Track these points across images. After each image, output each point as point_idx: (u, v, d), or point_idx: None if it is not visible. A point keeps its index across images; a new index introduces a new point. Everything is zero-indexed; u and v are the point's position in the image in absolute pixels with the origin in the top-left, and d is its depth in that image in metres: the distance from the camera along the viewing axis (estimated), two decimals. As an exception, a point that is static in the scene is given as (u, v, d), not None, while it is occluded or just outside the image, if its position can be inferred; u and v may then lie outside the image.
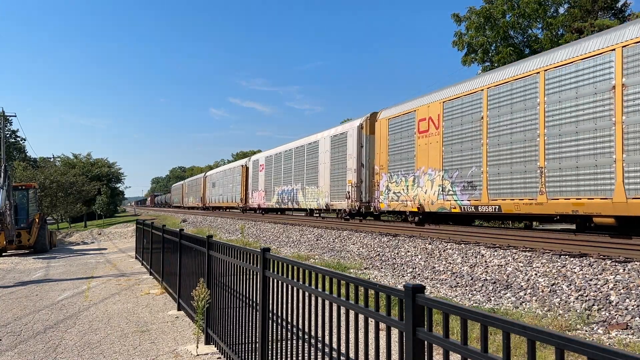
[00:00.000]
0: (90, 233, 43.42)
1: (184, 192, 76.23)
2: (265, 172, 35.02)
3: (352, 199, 21.51)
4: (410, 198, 17.60)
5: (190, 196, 68.98)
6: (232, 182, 44.36)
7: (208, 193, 55.78)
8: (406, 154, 18.11)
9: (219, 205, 50.58)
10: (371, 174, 20.84)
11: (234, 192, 43.68)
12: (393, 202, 18.74)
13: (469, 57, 35.54)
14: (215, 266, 6.58)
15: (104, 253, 23.15)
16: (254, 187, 37.86)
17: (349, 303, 3.17)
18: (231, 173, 45.30)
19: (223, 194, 47.95)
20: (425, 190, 16.81)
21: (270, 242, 20.50)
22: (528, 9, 33.44)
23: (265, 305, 4.69)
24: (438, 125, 16.40)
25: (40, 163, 61.27)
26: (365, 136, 21.33)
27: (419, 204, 17.03)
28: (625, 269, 8.43)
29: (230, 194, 45.00)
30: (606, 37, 11.18)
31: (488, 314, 2.03)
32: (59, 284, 13.08)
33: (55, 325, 8.32)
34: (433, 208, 16.48)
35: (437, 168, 16.30)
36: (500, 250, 11.39)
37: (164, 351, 6.63)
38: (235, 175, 43.65)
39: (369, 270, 12.43)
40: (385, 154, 19.48)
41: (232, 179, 44.39)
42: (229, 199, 45.44)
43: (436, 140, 16.45)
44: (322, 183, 25.03)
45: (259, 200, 36.08)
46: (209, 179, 56.46)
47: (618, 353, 1.50)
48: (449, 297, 9.25)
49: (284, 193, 31.03)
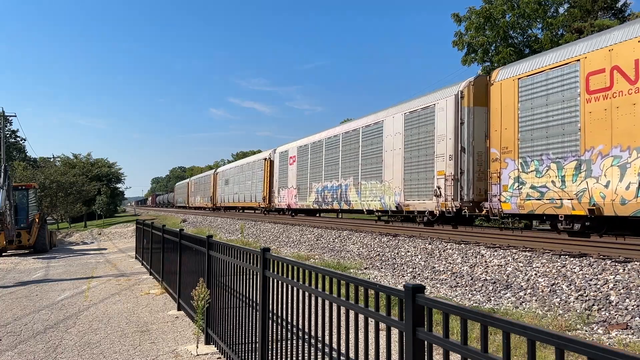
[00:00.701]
0: (90, 233, 43.42)
1: (189, 191, 70.52)
2: (298, 166, 29.17)
3: (445, 196, 15.81)
4: (571, 195, 11.84)
5: (198, 195, 63.16)
6: (251, 178, 38.55)
7: (220, 192, 49.92)
8: (559, 127, 12.28)
9: (234, 205, 44.79)
10: (481, 162, 15.24)
11: (253, 190, 37.86)
12: (531, 200, 12.90)
13: (469, 57, 35.54)
14: (215, 266, 6.58)
15: (104, 253, 23.15)
16: (281, 184, 31.68)
17: (349, 303, 3.17)
18: (250, 168, 39.45)
19: (239, 193, 42.27)
20: (606, 183, 11.05)
21: (270, 242, 20.51)
22: (528, 9, 33.44)
23: (265, 305, 4.69)
24: (637, 78, 10.58)
25: (40, 163, 61.27)
26: (467, 109, 15.45)
27: (593, 203, 11.25)
28: (625, 269, 8.43)
29: (248, 193, 39.28)
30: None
31: (488, 314, 2.03)
32: (59, 284, 13.08)
33: (55, 325, 8.32)
34: (626, 211, 10.62)
35: (635, 146, 10.52)
36: (500, 250, 11.39)
37: (164, 351, 6.63)
38: (255, 170, 37.73)
39: (369, 270, 12.43)
40: (513, 130, 13.58)
41: (251, 174, 38.66)
42: (247, 198, 39.67)
43: (632, 102, 10.63)
44: (388, 176, 19.25)
45: (288, 199, 30.39)
46: (220, 176, 50.17)
47: (618, 353, 1.50)
48: (449, 297, 9.26)
49: (326, 190, 25.01)
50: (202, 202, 59.41)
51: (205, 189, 58.03)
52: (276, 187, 32.93)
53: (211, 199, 53.30)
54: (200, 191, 61.36)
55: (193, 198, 66.87)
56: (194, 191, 66.33)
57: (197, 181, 66.23)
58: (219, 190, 50.25)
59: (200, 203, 60.96)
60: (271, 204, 33.98)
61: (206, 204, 56.77)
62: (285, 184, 31.16)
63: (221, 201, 49.12)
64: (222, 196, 49.08)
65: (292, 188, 30.03)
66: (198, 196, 62.75)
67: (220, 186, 49.79)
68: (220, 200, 49.80)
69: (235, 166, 46.16)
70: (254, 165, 38.52)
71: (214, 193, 52.33)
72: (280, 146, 33.81)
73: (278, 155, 33.09)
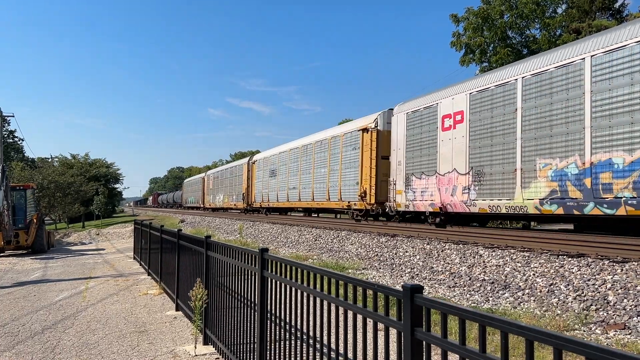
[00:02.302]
0: (88, 233, 43.37)
1: (206, 188, 56.37)
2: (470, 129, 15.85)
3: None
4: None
5: (219, 193, 48.53)
6: (331, 162, 24.34)
7: (260, 187, 35.63)
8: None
9: (289, 206, 30.66)
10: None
11: (339, 180, 23.28)
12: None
13: (467, 58, 35.58)
14: (213, 266, 6.57)
15: (102, 253, 23.13)
16: (414, 169, 17.87)
17: (348, 303, 3.17)
18: (324, 147, 25.39)
19: (305, 188, 27.35)
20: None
21: (268, 243, 20.50)
22: (526, 9, 33.49)
23: (263, 306, 4.69)
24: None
25: (38, 163, 61.19)
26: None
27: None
28: (623, 269, 8.44)
29: (323, 186, 24.98)
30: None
31: (486, 314, 2.04)
32: (57, 285, 13.06)
33: (53, 326, 8.31)
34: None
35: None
36: (498, 251, 11.41)
37: (162, 352, 6.63)
38: (334, 148, 24.08)
39: (368, 271, 12.43)
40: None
41: (331, 156, 24.47)
42: (321, 194, 25.25)
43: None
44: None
45: (448, 196, 15.94)
46: (261, 165, 35.62)
47: (616, 353, 1.51)
48: (447, 297, 9.26)
49: None
50: (227, 201, 45.00)
51: (232, 184, 43.49)
52: (395, 175, 19.08)
53: (244, 197, 39.07)
54: (225, 187, 46.61)
55: (211, 197, 52.75)
56: (214, 188, 51.79)
57: (219, 175, 50.24)
58: (259, 185, 36.07)
59: (224, 203, 46.50)
60: (381, 204, 20.16)
61: (234, 205, 42.49)
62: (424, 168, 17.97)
63: (263, 200, 34.70)
64: (263, 193, 34.81)
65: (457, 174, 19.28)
66: (220, 194, 48.45)
67: (261, 179, 35.45)
68: (261, 198, 35.25)
69: (293, 148, 29.95)
70: (336, 141, 24.26)
71: (249, 189, 38.23)
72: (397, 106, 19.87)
73: (400, 118, 19.01)
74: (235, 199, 42.02)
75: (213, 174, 54.40)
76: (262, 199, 34.80)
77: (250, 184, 38.10)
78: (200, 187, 59.94)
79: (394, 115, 19.23)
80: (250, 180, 38.24)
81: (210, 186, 53.94)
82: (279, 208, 32.76)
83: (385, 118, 20.53)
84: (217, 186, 50.17)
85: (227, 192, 45.35)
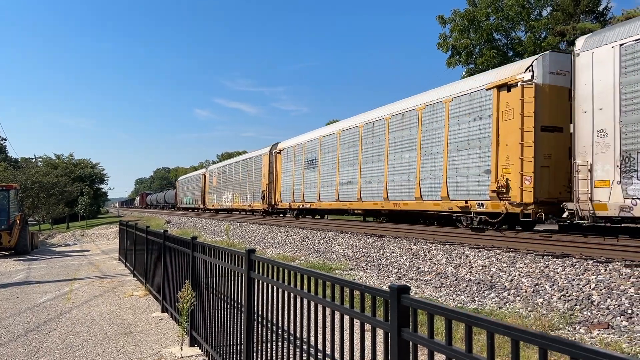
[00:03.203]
0: (72, 234, 42.91)
1: (207, 186, 47.99)
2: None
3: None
4: None
5: (227, 191, 40.27)
6: (428, 142, 16.69)
7: (289, 183, 27.57)
8: None
9: (340, 207, 22.68)
10: None
11: (444, 169, 15.86)
12: None
13: (453, 59, 35.82)
14: (199, 268, 6.53)
15: (87, 254, 22.89)
16: None
17: (335, 304, 3.16)
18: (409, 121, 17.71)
19: (370, 182, 19.88)
20: None
21: (255, 244, 20.44)
22: (511, 11, 33.81)
23: (250, 307, 4.67)
24: None
25: (21, 163, 60.41)
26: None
27: None
28: (606, 269, 8.54)
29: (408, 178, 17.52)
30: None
31: (472, 315, 2.05)
32: (41, 286, 12.90)
33: (37, 328, 8.20)
34: None
35: None
36: (484, 251, 11.48)
37: (147, 353, 6.57)
38: (433, 121, 16.50)
39: (355, 271, 12.45)
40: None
41: (427, 134, 16.79)
42: (404, 191, 17.76)
43: None
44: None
45: None
46: (291, 155, 27.62)
47: (600, 352, 1.52)
48: (434, 297, 9.30)
49: None
50: (239, 201, 36.69)
51: (247, 180, 35.17)
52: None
53: (263, 196, 31.25)
54: (235, 184, 38.14)
55: (215, 196, 44.65)
56: (218, 185, 43.67)
57: (227, 169, 41.83)
58: (287, 180, 27.92)
59: (233, 203, 38.22)
60: None
61: (249, 205, 34.24)
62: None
63: (292, 199, 26.90)
64: (295, 191, 26.43)
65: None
66: (228, 192, 40.19)
67: (291, 172, 27.32)
68: (288, 197, 27.47)
69: (348, 127, 22.25)
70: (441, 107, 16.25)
71: (272, 187, 30.28)
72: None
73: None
74: (251, 199, 33.85)
75: (218, 168, 45.66)
76: (293, 198, 26.73)
77: (274, 179, 30.22)
78: (200, 185, 51.01)
79: (580, 55, 11.73)
80: (274, 174, 30.35)
81: (214, 183, 45.27)
82: (322, 210, 24.83)
83: (551, 63, 13.14)
84: (223, 183, 41.91)
85: (239, 190, 36.82)
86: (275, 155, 30.46)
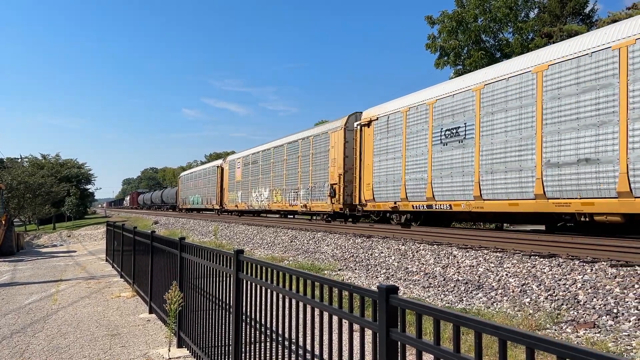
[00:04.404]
0: (59, 235, 42.51)
1: (226, 181, 38.09)
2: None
3: None
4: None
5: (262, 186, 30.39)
6: None
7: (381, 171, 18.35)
8: None
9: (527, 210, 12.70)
10: None
11: None
12: None
13: (441, 60, 35.98)
14: (187, 269, 6.50)
15: (74, 255, 22.69)
16: None
17: (323, 304, 3.16)
18: None
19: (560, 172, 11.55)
20: None
21: (244, 244, 20.38)
22: (499, 13, 34.06)
23: (238, 308, 4.65)
24: None
25: (7, 164, 59.74)
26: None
27: None
28: (592, 269, 8.62)
29: None
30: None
31: (460, 314, 2.05)
32: (26, 287, 12.77)
33: (22, 330, 8.11)
34: None
35: None
36: (472, 251, 11.53)
37: (135, 355, 6.53)
38: None
39: (343, 272, 12.46)
40: None
41: None
42: None
43: None
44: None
45: None
46: (398, 122, 17.56)
47: (586, 351, 1.53)
48: (422, 297, 9.33)
49: None
50: (281, 200, 27.61)
51: (296, 170, 25.88)
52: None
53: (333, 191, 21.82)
54: (276, 177, 28.54)
55: (240, 193, 34.80)
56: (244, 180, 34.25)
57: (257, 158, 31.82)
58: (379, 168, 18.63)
59: (272, 203, 28.88)
60: None
61: (304, 206, 24.73)
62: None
63: (405, 197, 17.00)
64: (411, 182, 16.80)
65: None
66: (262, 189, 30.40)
67: (386, 154, 18.26)
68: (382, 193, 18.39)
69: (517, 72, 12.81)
70: None
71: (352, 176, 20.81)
72: None
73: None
74: (306, 196, 24.46)
75: (244, 157, 34.67)
76: (404, 194, 17.09)
77: (357, 166, 20.18)
78: (215, 180, 40.47)
79: None
80: (356, 158, 20.34)
81: (237, 177, 35.42)
82: (484, 214, 15.32)
83: None
84: (253, 176, 32.33)
85: (282, 185, 27.44)
86: (358, 129, 20.16)
